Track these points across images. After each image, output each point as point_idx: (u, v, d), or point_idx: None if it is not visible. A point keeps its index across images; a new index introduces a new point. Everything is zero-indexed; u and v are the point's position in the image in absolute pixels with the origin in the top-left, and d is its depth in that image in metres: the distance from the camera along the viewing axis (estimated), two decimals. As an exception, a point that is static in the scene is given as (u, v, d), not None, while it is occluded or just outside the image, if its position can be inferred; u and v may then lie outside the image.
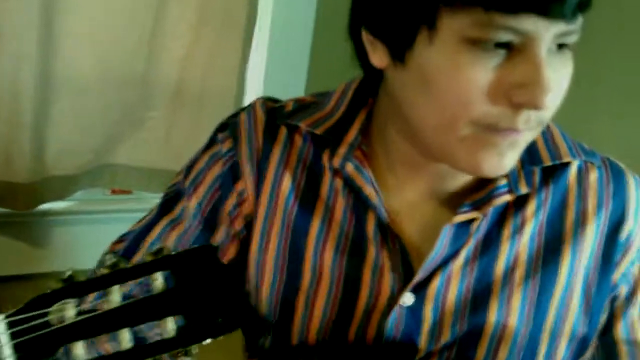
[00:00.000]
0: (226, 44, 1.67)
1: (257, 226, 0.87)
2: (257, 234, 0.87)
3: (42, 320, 0.61)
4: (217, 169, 0.89)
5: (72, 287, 0.62)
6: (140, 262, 0.63)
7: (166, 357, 0.63)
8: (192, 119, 1.70)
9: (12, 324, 0.60)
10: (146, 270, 0.63)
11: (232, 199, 0.88)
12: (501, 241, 0.82)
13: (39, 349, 0.61)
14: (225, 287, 0.63)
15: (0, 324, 0.60)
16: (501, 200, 0.81)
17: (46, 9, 1.45)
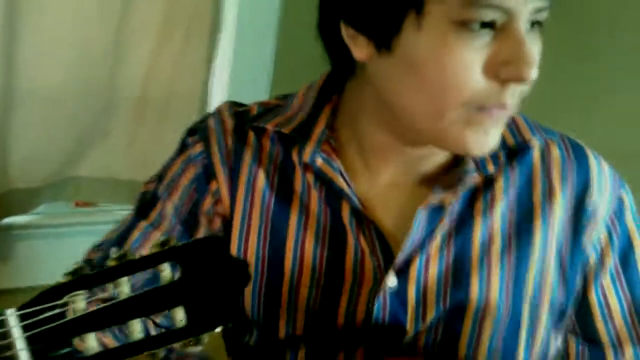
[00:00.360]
0: (191, 51, 1.68)
1: (236, 224, 0.89)
2: (235, 232, 0.88)
3: (52, 312, 0.60)
4: (190, 172, 0.91)
5: (81, 279, 0.61)
6: (147, 254, 0.63)
7: (177, 346, 0.63)
8: (156, 129, 1.70)
9: (23, 317, 0.60)
10: (153, 261, 0.63)
11: (208, 199, 0.90)
12: (474, 220, 0.85)
13: (51, 341, 0.60)
14: (232, 276, 0.64)
15: (12, 317, 0.60)
16: (471, 181, 0.85)
17: (9, 19, 1.44)
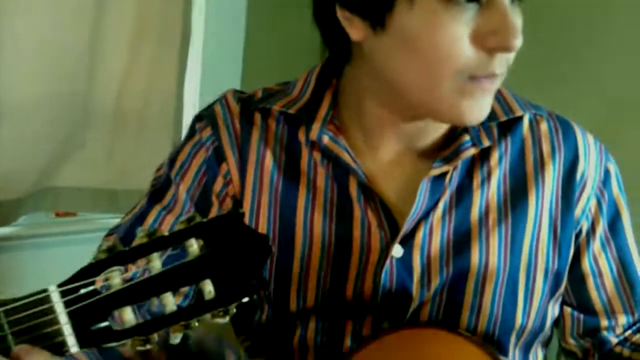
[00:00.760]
0: (163, 61, 1.72)
1: (246, 204, 0.92)
2: (246, 211, 0.92)
3: (91, 288, 0.63)
4: (201, 156, 0.94)
5: (116, 256, 0.64)
6: (174, 230, 0.66)
7: (208, 317, 0.66)
8: (133, 138, 1.72)
9: (64, 293, 0.63)
10: (181, 237, 0.66)
11: (219, 180, 0.93)
12: (473, 190, 0.91)
13: (91, 315, 0.63)
14: (255, 248, 0.67)
15: (54, 294, 0.62)
16: (468, 153, 0.90)
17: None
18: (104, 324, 0.64)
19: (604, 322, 0.95)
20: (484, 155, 0.92)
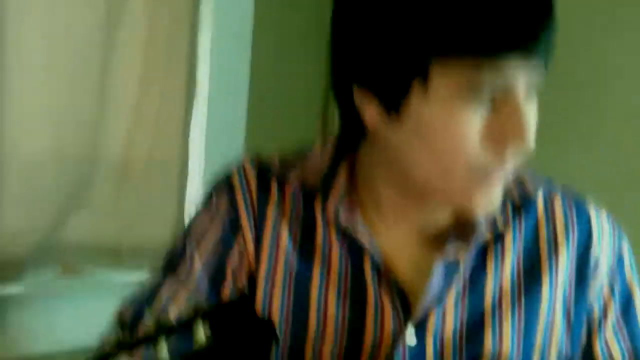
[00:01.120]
0: (168, 116, 1.74)
1: (261, 279, 0.91)
2: (260, 287, 0.91)
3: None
4: (217, 228, 0.93)
5: (124, 345, 0.65)
6: (181, 317, 0.68)
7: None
8: (139, 193, 1.74)
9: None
10: (187, 324, 0.67)
11: (235, 255, 0.92)
12: (486, 274, 0.90)
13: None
14: (260, 335, 0.69)
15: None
16: (482, 236, 0.90)
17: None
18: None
19: None
20: (498, 236, 0.91)
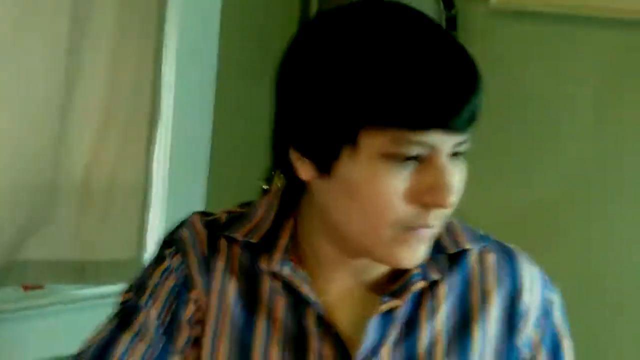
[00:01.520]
0: (131, 141, 1.76)
1: (208, 330, 0.96)
2: (208, 337, 0.95)
3: None
4: (170, 282, 0.97)
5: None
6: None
7: None
8: (101, 212, 1.76)
9: None
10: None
11: (189, 307, 0.96)
12: (421, 323, 0.95)
13: None
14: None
15: None
16: (417, 287, 0.95)
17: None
18: None
19: None
20: (432, 286, 0.96)
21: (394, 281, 0.96)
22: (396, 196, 0.84)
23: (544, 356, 0.99)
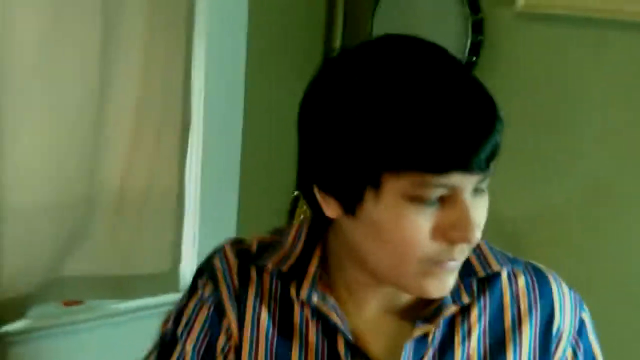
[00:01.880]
0: (164, 151, 1.79)
1: (244, 358, 0.98)
2: None
3: None
4: (204, 312, 1.00)
5: None
6: None
7: None
8: (136, 226, 1.79)
9: None
10: None
11: (222, 336, 0.99)
12: (454, 346, 0.96)
13: None
14: None
15: None
16: (449, 311, 0.96)
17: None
18: None
19: None
20: (464, 310, 0.97)
21: (424, 306, 0.97)
22: (422, 235, 0.85)
23: None
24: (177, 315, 1.03)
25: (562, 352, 0.99)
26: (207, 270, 1.03)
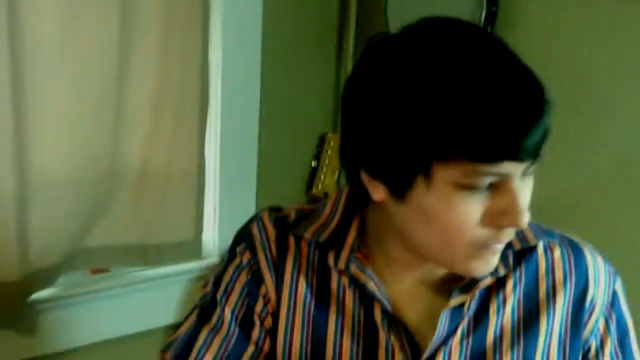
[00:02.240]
0: (183, 128, 1.83)
1: (281, 323, 1.02)
2: (281, 330, 1.01)
3: None
4: (242, 279, 1.03)
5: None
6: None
7: None
8: (158, 197, 1.84)
9: None
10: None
11: (260, 302, 1.02)
12: (489, 316, 0.99)
13: None
14: None
15: None
16: (485, 283, 0.98)
17: (18, 120, 1.57)
18: None
19: None
20: (500, 282, 0.99)
21: (460, 277, 0.98)
22: (472, 221, 0.87)
23: (611, 344, 1.02)
24: (216, 280, 1.05)
25: (595, 323, 1.01)
26: (245, 237, 1.05)
